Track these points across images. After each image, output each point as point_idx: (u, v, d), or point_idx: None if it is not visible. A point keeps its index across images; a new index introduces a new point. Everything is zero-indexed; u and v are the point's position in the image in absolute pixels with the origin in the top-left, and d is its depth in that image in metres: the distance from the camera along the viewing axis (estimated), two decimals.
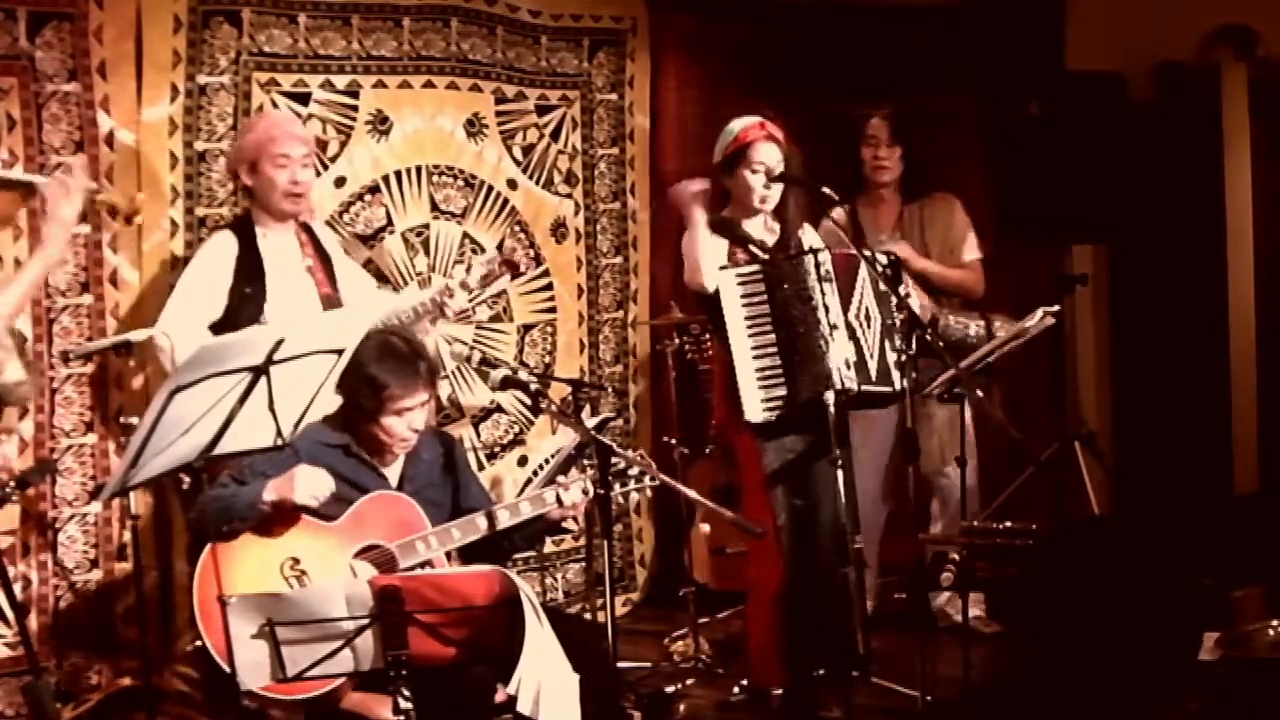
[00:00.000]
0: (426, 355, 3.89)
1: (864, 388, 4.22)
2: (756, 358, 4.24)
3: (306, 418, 3.27)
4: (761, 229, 4.45)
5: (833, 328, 4.20)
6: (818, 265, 4.24)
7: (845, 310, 4.25)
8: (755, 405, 4.24)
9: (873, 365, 4.27)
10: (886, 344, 4.32)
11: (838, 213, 4.43)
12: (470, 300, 4.44)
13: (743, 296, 4.27)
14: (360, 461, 3.84)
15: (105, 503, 4.44)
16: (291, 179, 4.19)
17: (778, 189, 4.37)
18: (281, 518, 3.68)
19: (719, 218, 4.45)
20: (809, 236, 4.51)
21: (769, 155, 4.33)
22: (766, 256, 4.36)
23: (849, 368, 4.20)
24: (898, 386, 4.29)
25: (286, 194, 4.19)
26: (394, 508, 3.80)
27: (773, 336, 4.24)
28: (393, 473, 3.90)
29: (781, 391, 4.23)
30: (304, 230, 4.33)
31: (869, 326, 4.30)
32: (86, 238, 4.42)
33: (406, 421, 3.80)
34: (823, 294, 4.22)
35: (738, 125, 4.39)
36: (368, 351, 3.73)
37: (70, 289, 4.42)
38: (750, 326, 4.25)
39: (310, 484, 3.60)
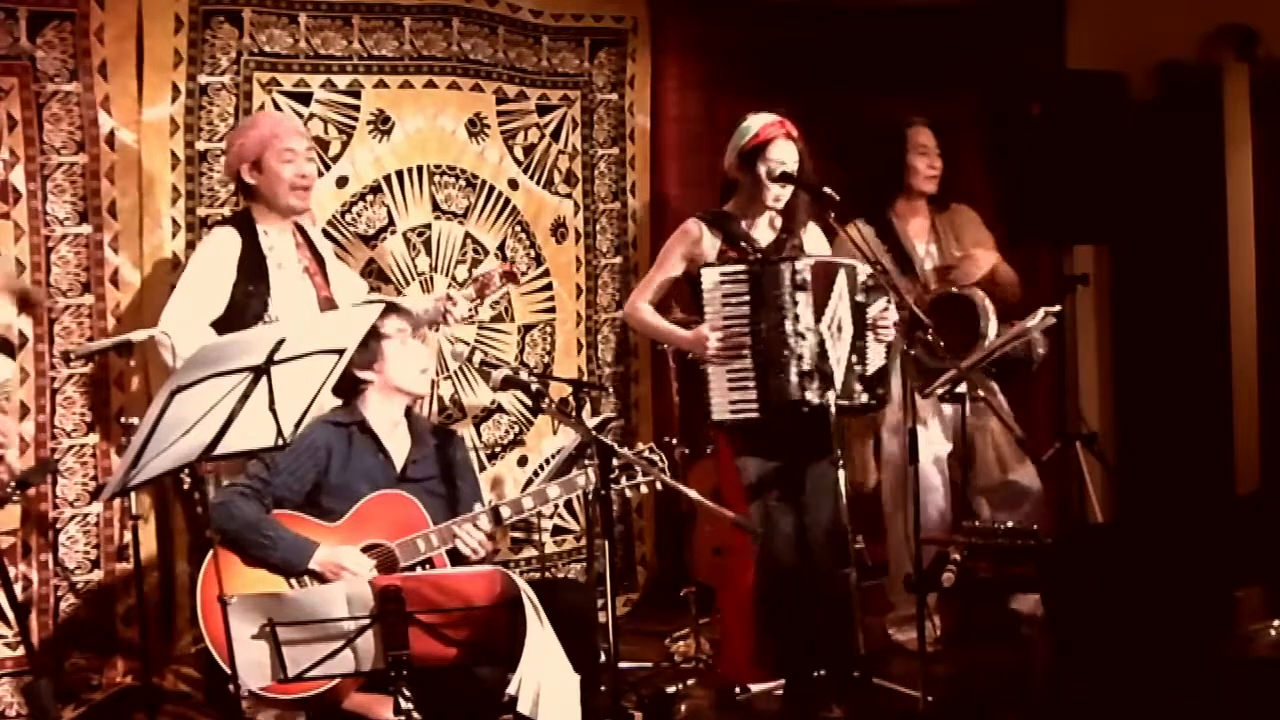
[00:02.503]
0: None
1: (824, 401, 4.15)
2: (729, 358, 4.21)
3: (307, 418, 3.28)
4: (766, 227, 4.43)
5: (800, 338, 4.15)
6: (794, 274, 4.16)
7: (817, 320, 4.18)
8: (722, 405, 4.21)
9: (838, 377, 4.20)
10: (854, 357, 4.24)
11: (852, 228, 4.40)
12: (471, 310, 4.51)
13: (724, 295, 4.22)
14: (369, 441, 3.88)
15: (106, 503, 4.44)
16: (299, 172, 4.20)
17: (789, 188, 4.32)
18: (286, 520, 3.71)
19: (717, 212, 4.43)
20: (811, 235, 4.49)
21: (787, 154, 4.29)
22: (757, 257, 4.32)
23: (811, 380, 4.14)
24: (858, 401, 4.25)
25: (294, 186, 4.19)
26: (396, 506, 3.81)
27: (748, 339, 4.20)
28: (398, 454, 3.93)
29: (751, 395, 4.18)
30: (299, 232, 4.33)
31: (839, 338, 4.22)
32: (88, 237, 4.42)
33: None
34: (794, 303, 4.16)
35: (756, 122, 4.33)
36: None
37: (71, 289, 4.41)
38: (727, 326, 4.21)
39: (358, 567, 3.66)
